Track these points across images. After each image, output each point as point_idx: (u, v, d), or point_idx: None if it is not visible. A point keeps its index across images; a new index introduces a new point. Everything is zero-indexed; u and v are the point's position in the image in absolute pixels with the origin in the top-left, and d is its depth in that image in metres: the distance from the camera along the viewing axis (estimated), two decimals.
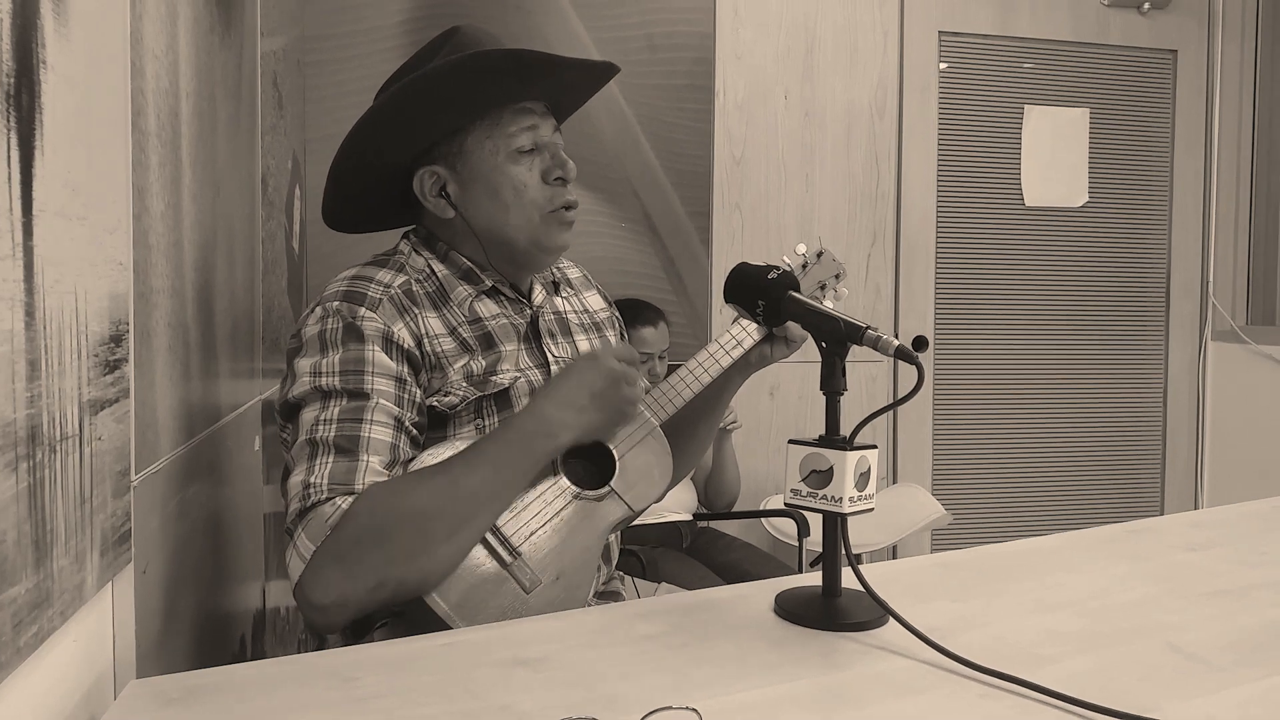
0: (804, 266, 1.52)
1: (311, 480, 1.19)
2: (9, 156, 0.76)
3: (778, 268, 1.26)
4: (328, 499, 1.18)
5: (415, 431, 1.27)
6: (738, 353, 1.42)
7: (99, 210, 0.97)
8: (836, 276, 1.55)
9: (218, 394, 1.55)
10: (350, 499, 1.18)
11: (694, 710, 0.81)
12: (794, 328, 1.38)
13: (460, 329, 1.34)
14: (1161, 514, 3.67)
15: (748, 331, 1.42)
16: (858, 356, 1.10)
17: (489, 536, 1.24)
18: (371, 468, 1.20)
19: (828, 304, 1.45)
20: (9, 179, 0.76)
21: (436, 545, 1.20)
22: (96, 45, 0.97)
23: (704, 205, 3.29)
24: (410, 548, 1.18)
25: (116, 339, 1.02)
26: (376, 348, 1.26)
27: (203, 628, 1.44)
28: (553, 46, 3.07)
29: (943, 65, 3.52)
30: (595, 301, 1.57)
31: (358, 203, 1.44)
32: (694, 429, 1.52)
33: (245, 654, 1.77)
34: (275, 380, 1.31)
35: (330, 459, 1.20)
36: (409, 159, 1.37)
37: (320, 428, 1.22)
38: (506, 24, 3.05)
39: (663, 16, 3.22)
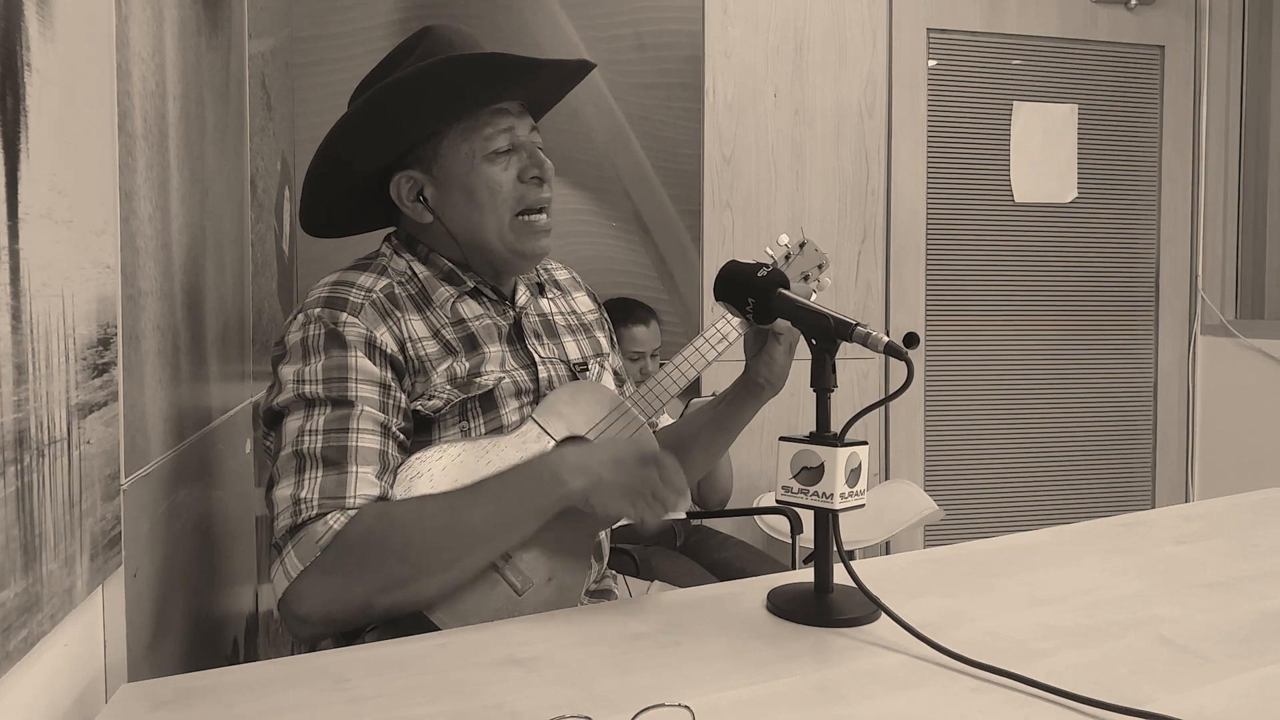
0: (787, 257, 1.52)
1: (302, 495, 1.17)
2: None
3: (767, 265, 1.26)
4: (318, 516, 1.16)
5: (402, 436, 1.26)
6: (722, 346, 1.42)
7: (86, 213, 0.97)
8: (820, 266, 1.55)
9: (208, 397, 1.54)
10: (342, 516, 1.16)
11: (686, 708, 0.81)
12: (782, 323, 1.38)
13: (443, 331, 1.32)
14: (1152, 507, 3.68)
15: (732, 325, 1.42)
16: (848, 353, 1.10)
17: None
18: (363, 477, 1.19)
19: (813, 296, 1.47)
20: None
21: (428, 576, 1.18)
22: (82, 48, 0.97)
23: (694, 203, 3.29)
24: (401, 577, 1.17)
25: (104, 342, 1.02)
26: (359, 354, 1.24)
27: (195, 631, 1.44)
28: (541, 45, 3.07)
29: (931, 62, 3.52)
30: (584, 303, 1.56)
31: (335, 208, 1.43)
32: (696, 436, 1.52)
33: (238, 657, 1.77)
34: (266, 383, 1.31)
35: (319, 472, 1.18)
36: (384, 164, 1.36)
37: (306, 439, 1.21)
38: (495, 24, 3.04)
39: (652, 15, 3.22)
